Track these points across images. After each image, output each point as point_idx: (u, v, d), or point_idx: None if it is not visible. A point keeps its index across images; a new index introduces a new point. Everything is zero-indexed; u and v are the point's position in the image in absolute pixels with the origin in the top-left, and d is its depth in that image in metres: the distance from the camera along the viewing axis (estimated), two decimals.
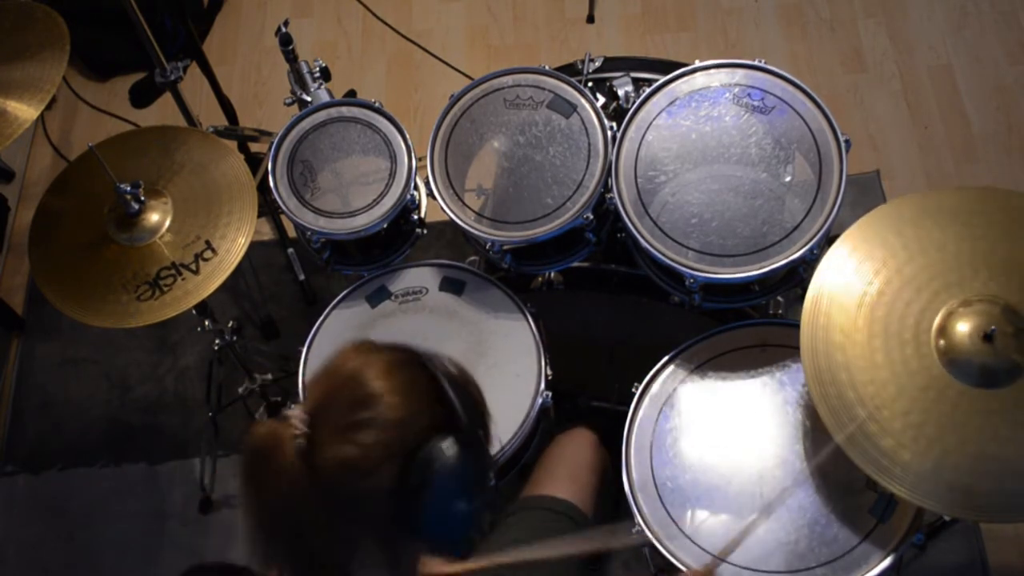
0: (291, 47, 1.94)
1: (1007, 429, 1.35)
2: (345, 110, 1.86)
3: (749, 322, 1.70)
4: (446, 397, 1.04)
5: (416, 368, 1.05)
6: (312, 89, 1.97)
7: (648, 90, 1.75)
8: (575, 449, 1.70)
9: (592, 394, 1.99)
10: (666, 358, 1.68)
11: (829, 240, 1.61)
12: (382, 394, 1.00)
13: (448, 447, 1.00)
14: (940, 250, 1.47)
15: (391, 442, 0.99)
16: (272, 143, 1.84)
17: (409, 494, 0.99)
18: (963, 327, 1.41)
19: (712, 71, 1.75)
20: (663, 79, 1.75)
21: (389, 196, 1.77)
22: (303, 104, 1.96)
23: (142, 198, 1.71)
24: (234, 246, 1.72)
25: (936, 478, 1.36)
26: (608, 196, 1.70)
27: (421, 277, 1.81)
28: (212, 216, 1.74)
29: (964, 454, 1.35)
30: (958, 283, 1.45)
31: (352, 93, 2.71)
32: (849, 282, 1.48)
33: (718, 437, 1.60)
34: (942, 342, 1.41)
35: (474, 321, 1.75)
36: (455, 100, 1.84)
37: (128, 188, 1.68)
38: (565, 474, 1.64)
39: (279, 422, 1.01)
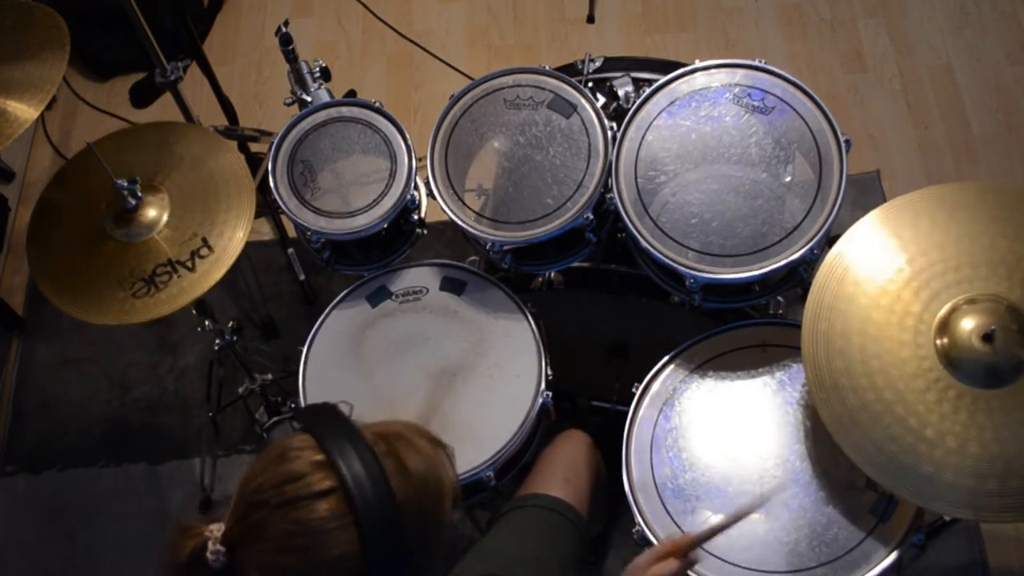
0: (291, 47, 1.94)
1: (1008, 429, 1.35)
2: (345, 110, 1.86)
3: (749, 322, 1.70)
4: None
5: (350, 531, 1.02)
6: (312, 89, 1.96)
7: (648, 90, 1.75)
8: (570, 450, 1.70)
9: (592, 394, 1.99)
10: (666, 358, 1.68)
11: (829, 240, 1.61)
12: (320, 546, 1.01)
13: None
14: (940, 249, 1.47)
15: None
16: (272, 143, 1.84)
17: None
18: (964, 326, 1.40)
19: (712, 71, 1.74)
20: (663, 79, 1.75)
21: (389, 196, 1.77)
22: (303, 104, 1.96)
23: (139, 194, 1.71)
24: (231, 244, 1.71)
25: (937, 479, 1.36)
26: (608, 196, 1.70)
27: (421, 277, 1.81)
28: (209, 213, 1.74)
29: (965, 454, 1.35)
30: (958, 283, 1.44)
31: (352, 93, 2.71)
32: (850, 285, 1.48)
33: (718, 437, 1.60)
34: (942, 342, 1.41)
35: (474, 321, 1.75)
36: (455, 100, 1.84)
37: (125, 184, 1.68)
38: (560, 474, 1.64)
39: (198, 533, 1.03)
